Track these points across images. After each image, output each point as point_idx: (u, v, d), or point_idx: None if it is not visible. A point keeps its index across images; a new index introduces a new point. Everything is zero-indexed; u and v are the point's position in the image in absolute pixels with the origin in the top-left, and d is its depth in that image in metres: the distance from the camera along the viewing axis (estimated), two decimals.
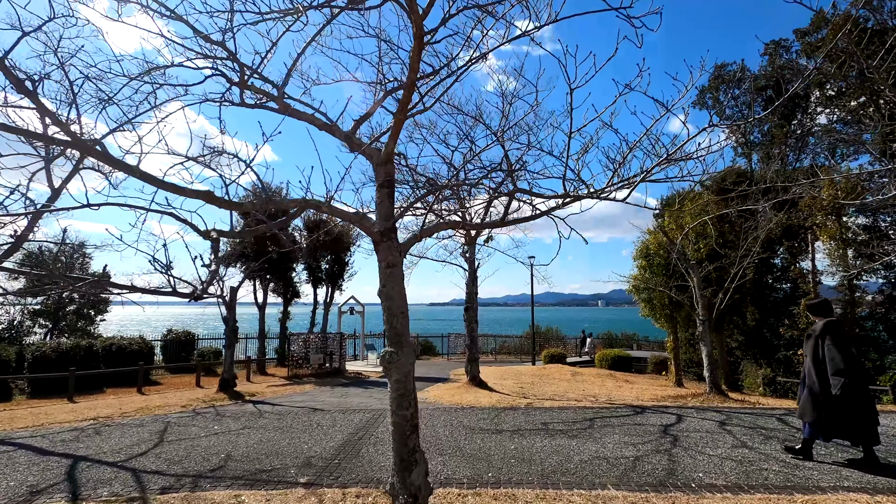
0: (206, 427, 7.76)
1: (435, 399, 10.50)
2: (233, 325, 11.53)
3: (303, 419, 8.21)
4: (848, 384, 4.97)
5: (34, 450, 6.53)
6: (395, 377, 3.43)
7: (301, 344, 19.41)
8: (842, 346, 5.11)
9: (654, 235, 17.36)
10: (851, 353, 5.12)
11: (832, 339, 5.18)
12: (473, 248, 12.04)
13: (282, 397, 11.34)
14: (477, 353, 11.92)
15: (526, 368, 21.15)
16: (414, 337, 32.43)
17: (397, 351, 3.42)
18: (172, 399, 11.42)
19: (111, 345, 16.77)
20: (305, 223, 21.40)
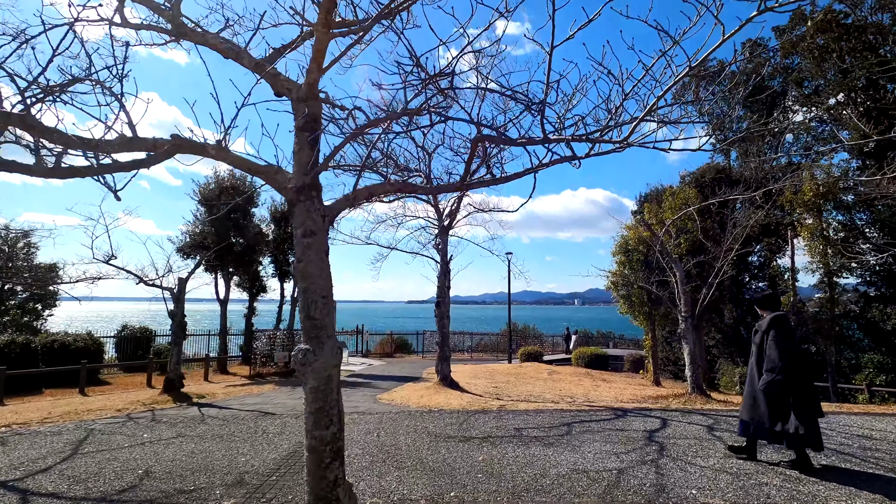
0: (133, 435, 6.78)
1: (402, 401, 9.69)
2: (180, 319, 10.47)
3: (249, 425, 7.30)
4: (780, 383, 4.77)
5: None
6: (312, 384, 2.60)
7: (265, 341, 18.35)
8: (783, 343, 4.84)
9: (633, 231, 16.89)
10: (793, 350, 4.86)
11: (776, 334, 4.90)
12: (446, 237, 11.25)
13: (234, 399, 10.36)
14: (448, 351, 11.15)
15: (502, 367, 20.52)
16: (388, 334, 31.63)
17: (314, 349, 2.58)
18: (112, 401, 10.31)
19: (53, 342, 15.41)
20: (272, 213, 20.28)
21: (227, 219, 18.09)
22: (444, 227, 11.20)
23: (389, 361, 23.64)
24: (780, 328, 4.92)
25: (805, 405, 4.78)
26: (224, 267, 18.48)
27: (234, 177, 18.69)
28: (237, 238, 18.72)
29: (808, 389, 4.83)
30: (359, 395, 10.92)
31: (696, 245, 15.66)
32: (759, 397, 4.96)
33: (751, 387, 5.12)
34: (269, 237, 20.34)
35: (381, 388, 12.66)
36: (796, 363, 4.81)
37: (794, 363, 4.79)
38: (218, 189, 18.10)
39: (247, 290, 21.89)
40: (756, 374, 5.07)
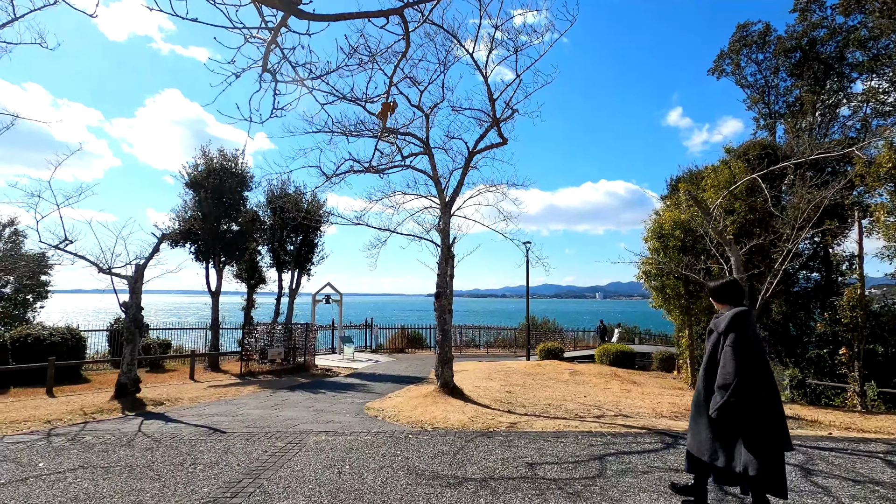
0: (26, 465, 5.18)
1: (390, 414, 7.93)
2: (135, 312, 8.91)
3: (181, 450, 5.64)
4: (735, 406, 3.26)
5: None
6: None
7: (259, 336, 16.86)
8: (743, 352, 3.32)
9: (668, 213, 14.78)
10: (754, 361, 3.34)
11: (735, 339, 3.36)
12: (448, 217, 9.41)
13: (195, 407, 8.78)
14: (450, 351, 9.34)
15: (518, 365, 18.68)
16: (400, 328, 30.01)
17: None
18: (56, 408, 8.84)
19: (27, 335, 14.15)
20: (269, 198, 18.73)
21: (217, 203, 16.58)
22: (447, 205, 9.37)
23: (398, 358, 22.02)
24: (740, 330, 3.38)
25: (764, 434, 3.26)
26: (214, 255, 17.00)
27: (225, 157, 17.14)
28: (228, 224, 17.21)
29: (770, 414, 3.29)
30: (345, 403, 9.22)
31: (744, 228, 13.51)
32: (703, 422, 3.53)
33: (696, 408, 3.64)
34: (265, 224, 18.82)
35: (375, 392, 10.96)
36: (758, 380, 3.30)
37: (756, 380, 3.29)
38: (206, 170, 16.58)
39: (245, 282, 20.48)
40: (702, 388, 3.58)
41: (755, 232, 13.71)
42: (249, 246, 17.75)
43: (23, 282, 19.95)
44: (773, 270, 8.54)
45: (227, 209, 16.89)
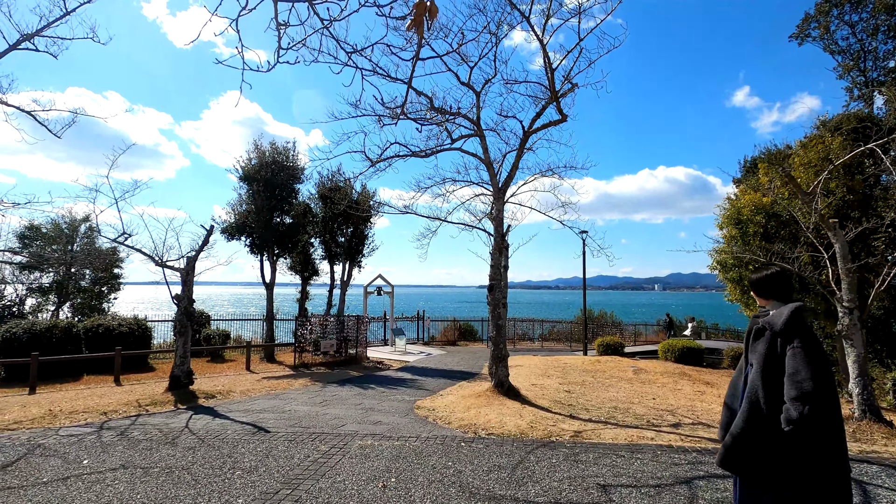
0: (72, 461, 5.07)
1: (442, 415, 7.40)
2: (186, 305, 8.89)
3: (223, 451, 5.36)
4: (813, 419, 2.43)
5: None
6: None
7: (313, 328, 16.93)
8: (816, 355, 2.59)
9: (747, 197, 13.28)
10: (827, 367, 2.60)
11: (805, 339, 2.62)
12: (501, 203, 8.70)
13: (247, 401, 8.65)
14: (505, 349, 8.67)
15: (576, 360, 17.71)
16: (451, 321, 29.62)
17: None
18: (116, 397, 9.02)
19: (97, 325, 14.88)
20: (319, 190, 18.71)
21: (269, 196, 16.70)
22: (500, 190, 8.66)
23: (450, 351, 21.59)
24: (807, 330, 2.67)
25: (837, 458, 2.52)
26: (268, 248, 17.19)
27: (277, 150, 17.23)
28: (281, 217, 17.33)
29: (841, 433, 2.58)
30: (394, 401, 8.81)
31: (841, 211, 11.85)
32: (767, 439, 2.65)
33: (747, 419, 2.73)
34: (317, 216, 18.84)
35: (426, 388, 10.50)
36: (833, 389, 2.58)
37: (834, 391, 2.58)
38: (259, 163, 16.73)
39: (299, 274, 20.72)
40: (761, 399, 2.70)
41: (852, 215, 12.02)
42: (301, 238, 17.82)
43: (98, 274, 21.18)
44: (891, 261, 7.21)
45: (280, 202, 17.00)
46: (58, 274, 19.79)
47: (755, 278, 3.05)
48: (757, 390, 2.72)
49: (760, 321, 2.87)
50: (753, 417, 2.67)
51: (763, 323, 2.82)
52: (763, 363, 2.72)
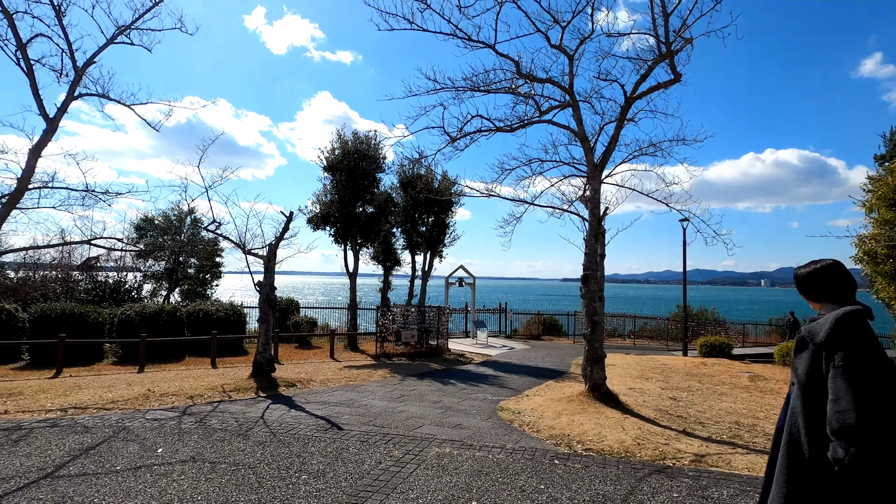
0: (149, 449, 4.97)
1: (529, 421, 6.57)
2: (268, 292, 8.86)
3: (292, 450, 4.99)
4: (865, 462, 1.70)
5: None
6: None
7: (393, 318, 16.83)
8: (866, 375, 1.82)
9: None
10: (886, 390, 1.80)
11: (847, 355, 1.87)
12: (598, 183, 7.59)
13: (325, 391, 8.44)
14: (601, 348, 7.59)
15: (676, 361, 15.93)
16: (535, 314, 28.45)
17: None
18: (207, 381, 9.27)
19: (198, 310, 15.85)
20: (401, 178, 18.51)
21: (352, 186, 16.75)
22: (596, 168, 7.55)
23: (534, 345, 20.57)
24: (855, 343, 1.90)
25: None
26: (351, 237, 17.29)
27: (359, 140, 17.22)
28: (363, 206, 17.34)
29: None
30: (476, 399, 8.12)
31: None
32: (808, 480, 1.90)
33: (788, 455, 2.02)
34: (398, 206, 18.68)
35: (510, 387, 9.70)
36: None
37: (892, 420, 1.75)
38: (342, 153, 16.82)
39: (380, 263, 20.81)
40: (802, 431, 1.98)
41: None
42: (383, 228, 17.75)
43: (202, 263, 22.85)
44: None
45: (362, 191, 17.00)
46: (168, 262, 21.60)
47: (801, 274, 2.34)
48: (797, 421, 2.05)
49: (803, 330, 2.24)
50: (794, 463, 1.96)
51: (805, 332, 2.18)
52: (805, 385, 2.05)
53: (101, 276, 20.25)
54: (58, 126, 8.02)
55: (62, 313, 13.29)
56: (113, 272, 20.89)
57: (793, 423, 2.04)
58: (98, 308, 14.71)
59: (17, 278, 19.04)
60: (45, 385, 9.25)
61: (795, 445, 1.98)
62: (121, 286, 20.17)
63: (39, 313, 13.24)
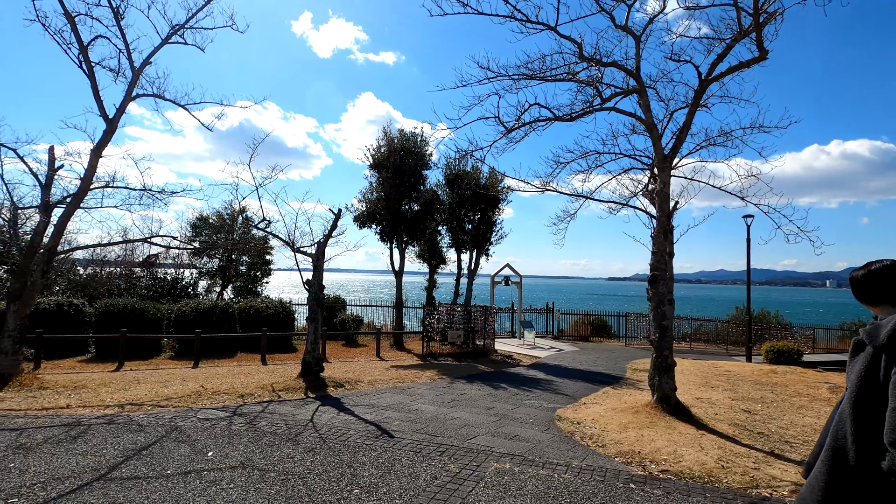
0: (198, 452, 4.85)
1: (592, 434, 6.06)
2: (317, 290, 8.74)
3: (343, 458, 4.74)
4: None
5: None
6: None
7: (439, 317, 16.57)
8: None
9: None
10: None
11: None
12: (667, 175, 6.94)
13: (374, 393, 8.22)
14: (671, 355, 6.93)
15: (741, 368, 14.81)
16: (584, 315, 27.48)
17: None
18: (257, 378, 9.29)
19: (249, 307, 16.16)
20: (446, 176, 18.20)
21: (398, 183, 16.60)
22: (665, 159, 6.90)
23: (583, 347, 19.78)
24: None
25: None
26: (397, 235, 17.16)
27: (405, 137, 17.04)
28: (409, 204, 17.16)
29: None
30: (530, 406, 7.66)
31: None
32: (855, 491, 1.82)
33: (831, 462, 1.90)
34: (444, 203, 18.39)
35: (565, 393, 9.16)
36: None
37: None
38: (388, 150, 16.69)
39: (426, 262, 20.61)
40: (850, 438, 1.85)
41: None
42: (429, 225, 17.51)
43: (253, 260, 23.45)
44: None
45: (408, 188, 16.82)
46: (222, 259, 22.29)
47: (856, 277, 2.25)
48: (845, 426, 1.94)
49: (861, 332, 2.13)
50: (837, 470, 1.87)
51: (863, 334, 2.07)
52: (857, 389, 1.93)
53: (160, 273, 21.14)
54: (117, 126, 8.19)
55: (124, 308, 13.84)
56: (171, 269, 21.78)
57: (840, 428, 1.94)
58: (157, 304, 15.25)
59: (86, 274, 20.16)
60: (106, 378, 9.55)
61: (840, 452, 1.88)
62: (178, 283, 20.98)
63: (104, 308, 13.83)
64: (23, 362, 11.45)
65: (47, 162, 8.65)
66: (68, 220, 8.48)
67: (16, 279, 8.61)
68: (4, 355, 8.54)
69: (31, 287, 8.62)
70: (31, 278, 8.61)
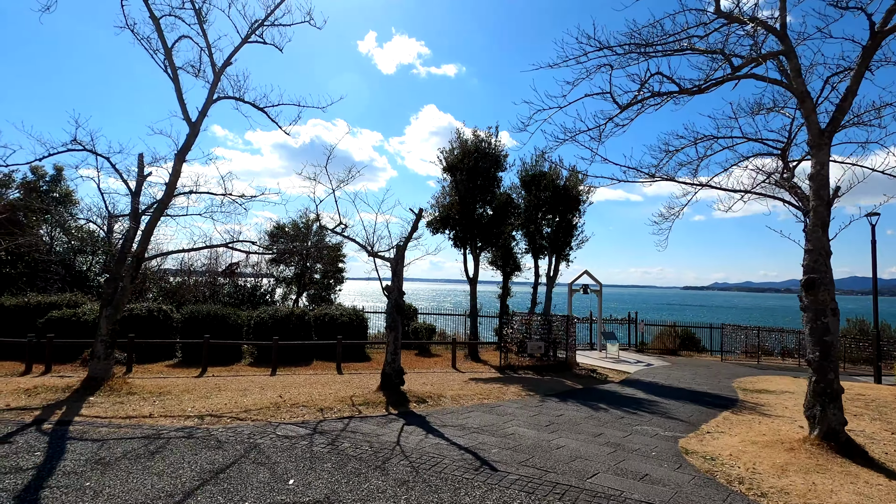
0: (279, 477, 4.27)
1: (740, 476, 4.83)
2: (396, 297, 8.12)
3: (442, 496, 3.94)
4: None
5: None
6: None
7: (517, 327, 15.57)
8: None
9: None
10: None
11: None
12: (825, 154, 5.56)
13: (460, 411, 7.42)
14: (837, 379, 5.50)
15: (875, 391, 12.46)
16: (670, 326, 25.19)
17: None
18: (334, 388, 8.83)
19: (324, 314, 16.04)
20: (522, 178, 17.23)
21: (471, 186, 15.90)
22: (821, 134, 5.55)
23: (674, 362, 17.91)
24: None
25: None
26: (471, 240, 16.41)
27: (478, 137, 16.32)
28: (483, 207, 16.38)
29: None
30: (644, 434, 6.51)
31: None
32: None
33: None
34: (518, 207, 17.42)
35: (678, 417, 7.85)
36: None
37: None
38: (462, 152, 16.04)
39: (500, 269, 19.68)
40: None
41: None
42: (505, 230, 16.61)
43: (326, 268, 23.70)
44: None
45: (482, 191, 16.06)
46: (297, 267, 22.68)
47: None
48: None
49: None
50: None
51: None
52: None
53: (240, 281, 21.85)
54: (199, 129, 8.09)
55: (207, 314, 14.12)
56: (250, 278, 22.46)
57: None
58: (237, 311, 15.49)
59: (175, 282, 21.22)
60: (190, 385, 9.52)
61: None
62: (257, 290, 21.53)
63: (189, 314, 14.20)
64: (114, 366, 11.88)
65: (136, 169, 8.76)
66: (154, 226, 8.49)
67: (108, 285, 8.74)
68: (97, 360, 8.68)
69: (120, 292, 8.73)
70: (121, 283, 8.72)
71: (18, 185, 19.89)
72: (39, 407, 6.88)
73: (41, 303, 14.27)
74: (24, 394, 7.79)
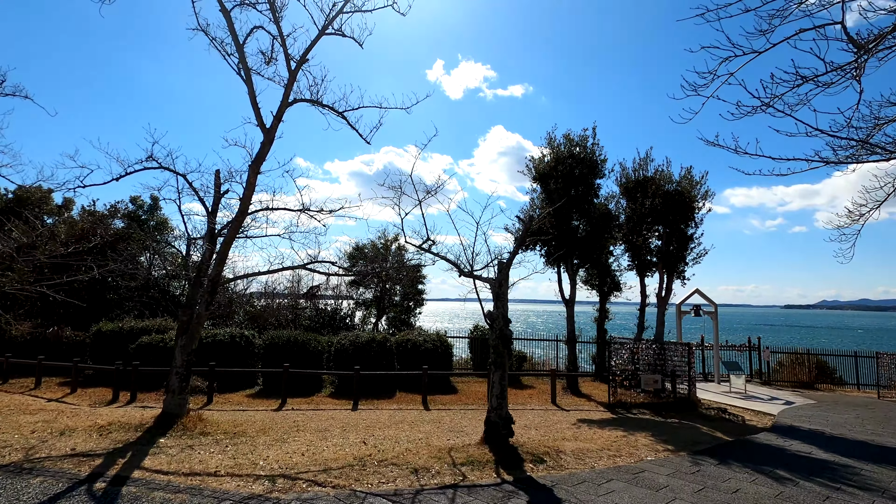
0: None
1: None
2: (501, 325, 6.55)
3: None
4: None
5: None
6: None
7: (626, 355, 13.38)
8: None
9: None
10: None
11: None
12: None
13: (591, 476, 5.64)
14: None
15: None
16: (801, 353, 21.25)
17: None
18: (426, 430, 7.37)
19: (406, 340, 14.84)
20: (622, 186, 15.17)
21: (566, 196, 14.15)
22: None
23: (816, 399, 14.58)
24: None
25: None
26: (567, 257, 14.56)
27: (571, 141, 14.58)
28: (580, 220, 14.51)
29: None
30: None
31: None
32: None
33: None
34: (618, 218, 15.34)
35: None
36: None
37: None
38: (554, 159, 14.37)
39: (596, 288, 17.54)
40: None
41: None
42: (606, 244, 14.59)
43: (406, 289, 22.77)
44: None
45: (578, 201, 14.23)
46: (376, 289, 21.96)
47: None
48: None
49: None
50: None
51: None
52: None
53: (321, 303, 21.48)
54: (274, 137, 7.22)
55: (287, 340, 13.46)
56: (331, 300, 22.05)
57: None
58: (317, 336, 14.76)
59: (260, 306, 21.27)
60: (267, 422, 8.57)
61: None
62: (337, 313, 21.00)
63: (269, 340, 13.62)
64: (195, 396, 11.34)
65: (213, 188, 8.09)
66: (229, 247, 7.68)
67: (183, 312, 8.05)
68: (172, 394, 7.96)
69: (196, 319, 8.00)
70: (196, 309, 8.01)
71: (122, 214, 21.08)
72: (103, 453, 6.09)
73: (134, 328, 14.42)
74: (97, 432, 7.15)
